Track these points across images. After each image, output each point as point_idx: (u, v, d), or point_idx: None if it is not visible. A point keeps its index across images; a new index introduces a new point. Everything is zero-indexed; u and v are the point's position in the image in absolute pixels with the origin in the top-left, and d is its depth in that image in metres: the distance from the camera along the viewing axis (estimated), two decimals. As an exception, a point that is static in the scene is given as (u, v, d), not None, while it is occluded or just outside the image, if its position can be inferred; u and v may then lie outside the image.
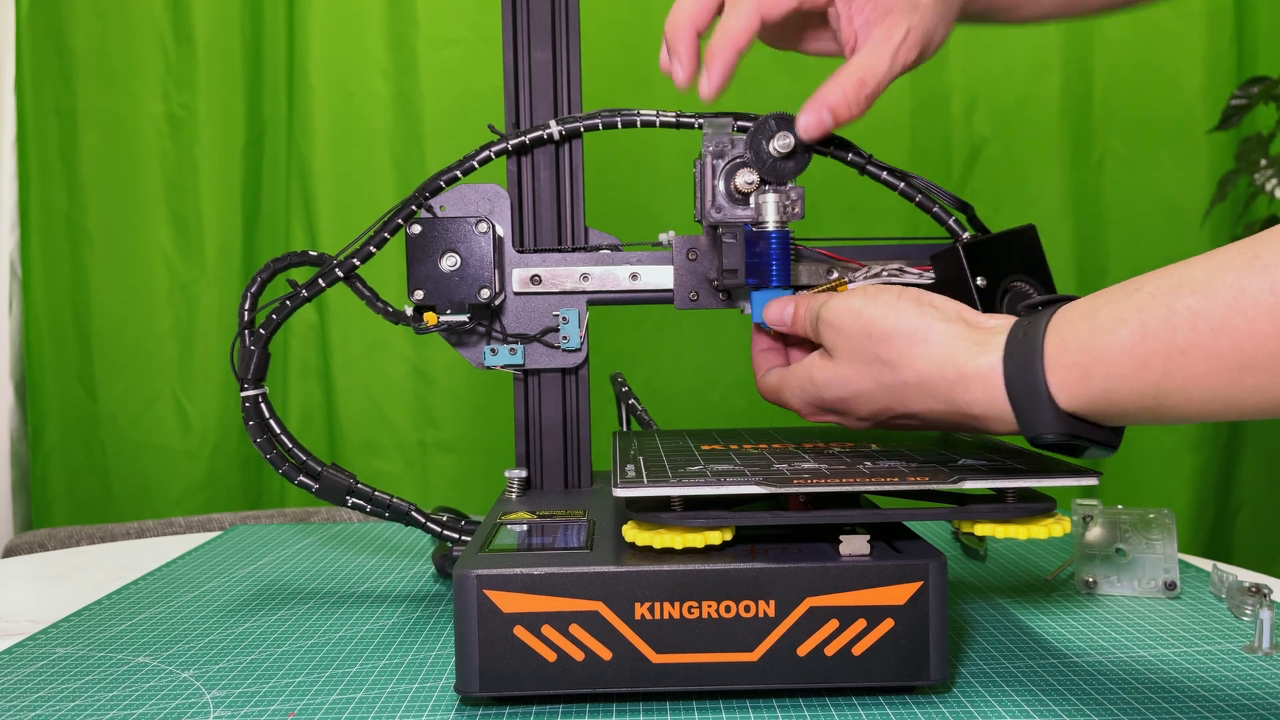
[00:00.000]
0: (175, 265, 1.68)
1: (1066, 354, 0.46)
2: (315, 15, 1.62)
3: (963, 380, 0.50)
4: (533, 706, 0.53)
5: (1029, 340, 0.47)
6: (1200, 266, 0.42)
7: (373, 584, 0.79)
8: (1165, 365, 0.43)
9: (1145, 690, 0.54)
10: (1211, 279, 0.41)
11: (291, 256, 0.71)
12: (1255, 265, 0.40)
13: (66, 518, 1.69)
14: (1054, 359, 0.46)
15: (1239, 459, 1.68)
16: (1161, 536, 0.72)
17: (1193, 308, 0.41)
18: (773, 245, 0.59)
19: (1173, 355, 0.42)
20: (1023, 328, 0.48)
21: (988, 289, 0.64)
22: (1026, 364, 0.47)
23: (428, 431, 1.68)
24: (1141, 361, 0.43)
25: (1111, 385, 0.45)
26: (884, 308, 0.53)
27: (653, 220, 1.51)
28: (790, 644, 0.51)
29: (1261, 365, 0.40)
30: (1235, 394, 0.41)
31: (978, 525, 0.54)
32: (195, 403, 1.68)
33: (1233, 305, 0.40)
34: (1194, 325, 0.41)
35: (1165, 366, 0.43)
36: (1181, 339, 0.42)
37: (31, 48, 1.65)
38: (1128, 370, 0.44)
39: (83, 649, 0.65)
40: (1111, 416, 0.47)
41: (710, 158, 0.61)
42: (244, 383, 0.70)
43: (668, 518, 0.53)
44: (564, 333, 0.72)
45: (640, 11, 1.63)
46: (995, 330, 0.50)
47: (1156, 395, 0.43)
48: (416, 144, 1.65)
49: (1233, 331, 0.40)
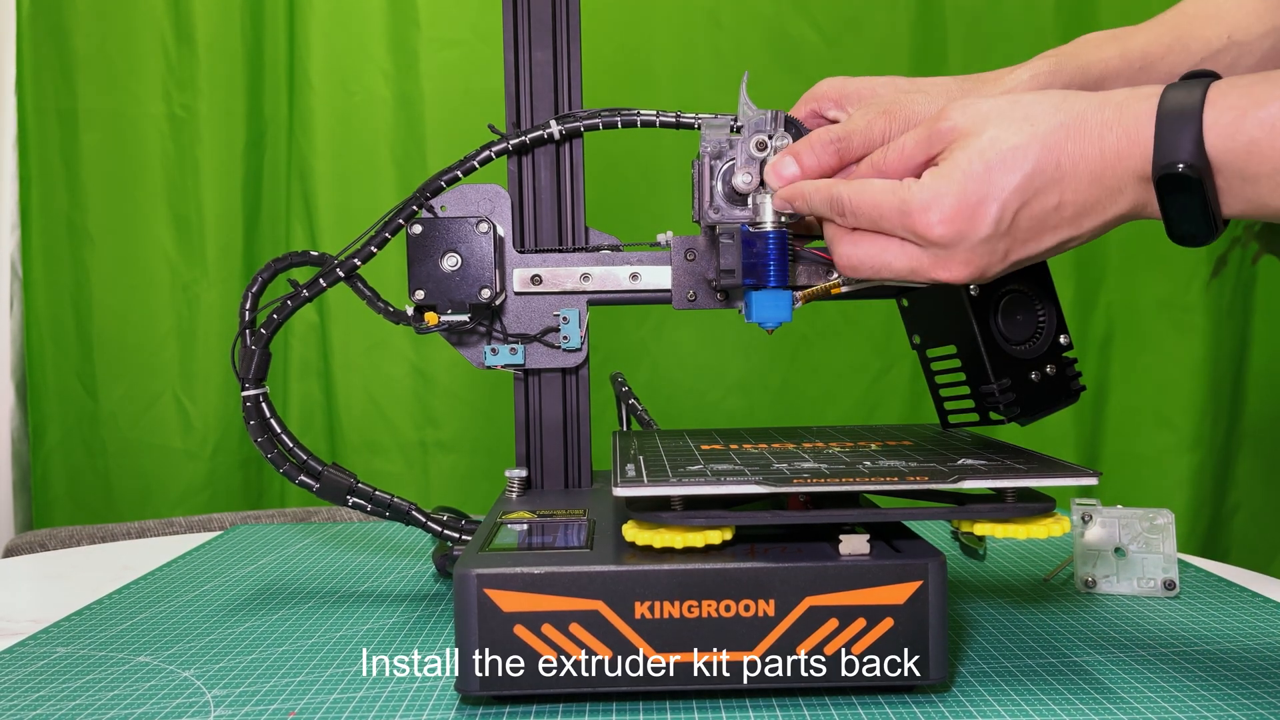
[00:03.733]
0: (176, 265, 1.68)
1: (1226, 96, 0.46)
2: (316, 16, 1.62)
3: (1119, 108, 0.49)
4: (533, 706, 0.53)
5: (1190, 84, 0.47)
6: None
7: (373, 584, 0.79)
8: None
9: (1144, 689, 0.54)
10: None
11: (292, 256, 0.71)
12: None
13: (67, 518, 1.69)
14: (1214, 98, 0.46)
15: (1236, 459, 1.68)
16: (1160, 536, 0.72)
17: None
18: (770, 246, 0.60)
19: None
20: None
21: (983, 295, 0.65)
22: (1188, 92, 0.47)
23: (428, 431, 1.68)
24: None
25: (1260, 137, 0.45)
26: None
27: (653, 220, 1.51)
28: (790, 643, 0.51)
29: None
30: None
31: (977, 525, 0.54)
32: (196, 403, 1.68)
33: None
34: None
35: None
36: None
37: (33, 48, 1.65)
38: (1276, 114, 0.44)
39: (83, 648, 0.65)
40: (1244, 176, 0.46)
41: (708, 158, 0.61)
42: (245, 382, 0.70)
43: (668, 517, 0.53)
44: (564, 333, 0.72)
45: (640, 12, 1.63)
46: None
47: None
48: (417, 144, 1.65)
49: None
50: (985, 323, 0.64)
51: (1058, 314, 0.66)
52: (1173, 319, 1.63)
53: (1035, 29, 1.60)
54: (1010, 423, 0.66)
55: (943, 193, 0.50)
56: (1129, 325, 1.65)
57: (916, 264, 0.53)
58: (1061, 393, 0.66)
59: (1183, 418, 1.64)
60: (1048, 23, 1.60)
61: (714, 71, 1.62)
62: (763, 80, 1.62)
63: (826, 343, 1.66)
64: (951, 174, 0.51)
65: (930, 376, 0.70)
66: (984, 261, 0.51)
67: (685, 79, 1.63)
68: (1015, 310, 0.65)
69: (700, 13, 1.63)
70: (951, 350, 0.67)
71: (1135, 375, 1.65)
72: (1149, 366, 1.64)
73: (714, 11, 1.63)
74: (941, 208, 0.50)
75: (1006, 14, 1.61)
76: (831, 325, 1.65)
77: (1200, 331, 1.62)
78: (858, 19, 1.63)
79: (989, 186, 0.50)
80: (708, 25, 1.63)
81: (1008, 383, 0.64)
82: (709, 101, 1.57)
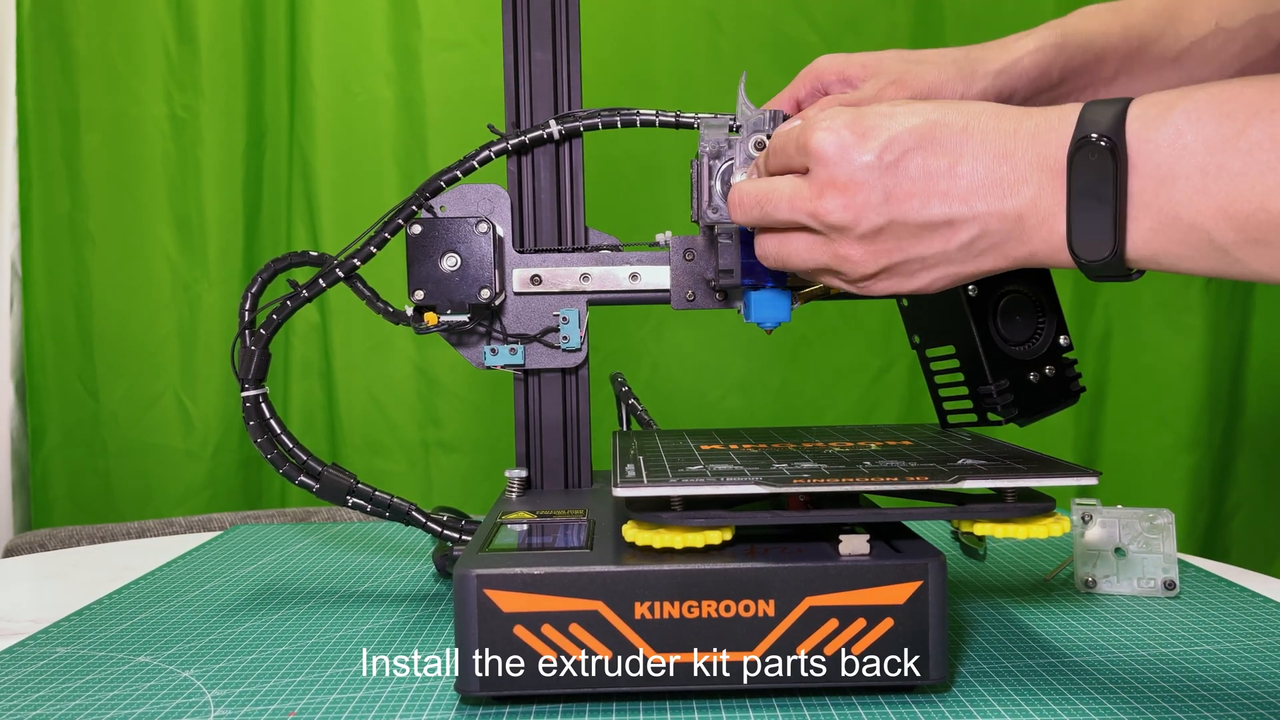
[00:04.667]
0: (177, 265, 1.68)
1: (1153, 98, 0.44)
2: (317, 17, 1.62)
3: (1045, 109, 0.47)
4: (533, 706, 0.53)
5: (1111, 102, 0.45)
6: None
7: (373, 584, 0.79)
8: (1242, 123, 0.41)
9: (1144, 689, 0.54)
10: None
11: (292, 257, 0.71)
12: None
13: (67, 518, 1.69)
14: (1141, 99, 0.44)
15: (1235, 459, 1.68)
16: (1160, 536, 0.72)
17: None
18: (772, 245, 0.59)
19: (1256, 114, 0.41)
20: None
21: (981, 296, 0.64)
22: (1116, 98, 0.45)
23: (430, 431, 1.68)
24: (1220, 109, 0.42)
25: (1184, 128, 0.43)
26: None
27: (653, 220, 1.50)
28: (790, 643, 0.51)
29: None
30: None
31: (977, 525, 0.54)
32: (197, 402, 1.68)
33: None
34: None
35: (1242, 125, 0.41)
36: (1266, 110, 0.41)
37: (34, 49, 1.65)
38: (1204, 110, 0.42)
39: (83, 649, 0.65)
40: (1161, 175, 0.43)
41: (707, 158, 0.61)
42: (244, 383, 0.70)
43: (668, 517, 0.53)
44: (564, 333, 0.72)
45: (640, 12, 1.63)
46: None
47: (1224, 141, 0.42)
48: (419, 145, 1.65)
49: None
50: (984, 323, 0.64)
51: (1058, 315, 0.66)
52: (1171, 319, 1.63)
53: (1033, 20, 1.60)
54: (1009, 423, 0.66)
55: (843, 113, 0.49)
56: (1127, 325, 1.64)
57: (794, 189, 0.50)
58: (1061, 393, 0.66)
59: (1182, 417, 1.64)
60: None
61: (713, 72, 1.62)
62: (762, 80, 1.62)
63: (826, 343, 1.66)
64: (860, 108, 0.50)
65: (929, 376, 0.70)
66: (862, 196, 0.48)
67: (685, 79, 1.63)
68: (1014, 311, 0.65)
69: (699, 13, 1.63)
70: (951, 350, 0.67)
71: (1134, 375, 1.65)
72: (1148, 367, 1.64)
73: (713, 12, 1.63)
74: (834, 122, 0.49)
75: (1006, 14, 1.61)
76: (831, 325, 1.65)
77: (1199, 331, 1.62)
78: (857, 19, 1.63)
79: (888, 120, 0.48)
80: (707, 26, 1.63)
81: (1006, 383, 0.64)
82: (708, 102, 1.56)
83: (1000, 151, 0.46)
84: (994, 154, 0.46)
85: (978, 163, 0.47)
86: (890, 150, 0.48)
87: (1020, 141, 0.46)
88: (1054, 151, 0.45)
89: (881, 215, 0.48)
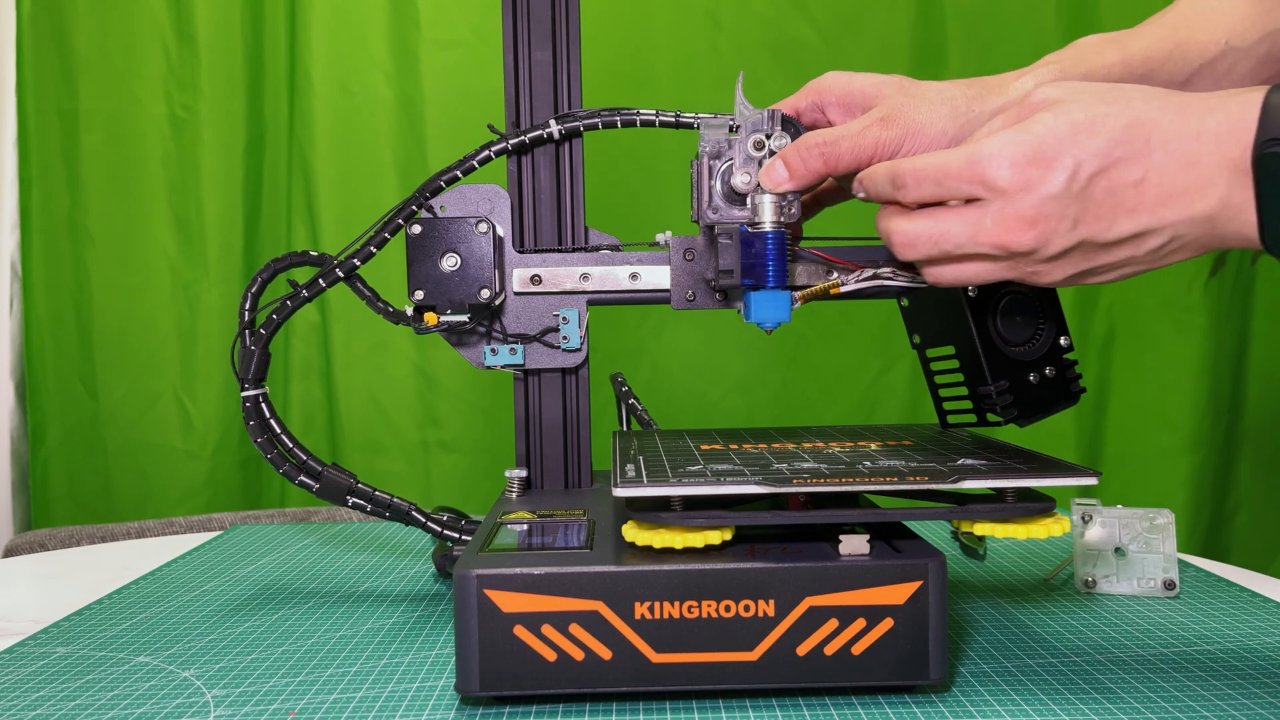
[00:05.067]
0: (177, 265, 1.68)
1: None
2: (317, 17, 1.62)
3: (1223, 98, 0.46)
4: (533, 706, 0.53)
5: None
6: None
7: (373, 584, 0.79)
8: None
9: (1144, 689, 0.54)
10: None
11: (292, 256, 0.71)
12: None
13: (67, 517, 1.69)
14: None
15: (1236, 459, 1.68)
16: (1160, 536, 0.72)
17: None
18: (769, 246, 0.59)
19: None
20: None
21: (981, 296, 0.64)
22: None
23: (430, 431, 1.68)
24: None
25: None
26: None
27: (653, 220, 1.50)
28: (790, 643, 0.51)
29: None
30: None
31: (977, 525, 0.54)
32: (197, 402, 1.68)
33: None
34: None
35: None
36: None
37: (33, 48, 1.65)
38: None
39: (83, 649, 0.65)
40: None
41: (707, 158, 0.61)
42: (244, 383, 0.70)
43: (668, 517, 0.53)
44: (564, 333, 0.72)
45: (640, 12, 1.63)
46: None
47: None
48: (419, 145, 1.65)
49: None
50: (984, 324, 0.64)
51: (1058, 315, 0.66)
52: (1173, 319, 1.63)
53: (1035, 29, 1.60)
54: (1009, 424, 0.66)
55: (1018, 141, 0.48)
56: (1130, 325, 1.65)
57: (976, 226, 0.49)
58: (1061, 394, 0.66)
59: (1183, 417, 1.64)
60: (1048, 23, 1.60)
61: (713, 72, 1.62)
62: (762, 80, 1.62)
63: (826, 343, 1.66)
64: (1031, 128, 0.48)
65: (930, 377, 0.70)
66: (1049, 225, 0.48)
67: (685, 79, 1.63)
68: (1014, 312, 0.65)
69: (700, 13, 1.63)
70: (951, 351, 0.67)
71: (1137, 375, 1.65)
72: (1150, 367, 1.64)
73: (713, 12, 1.63)
74: (1013, 154, 0.47)
75: (1006, 14, 1.61)
76: (831, 325, 1.65)
77: (1201, 331, 1.62)
78: (857, 19, 1.63)
79: (1069, 143, 0.47)
80: (707, 25, 1.63)
81: (1005, 384, 0.64)
82: (709, 101, 1.57)
83: (1186, 160, 0.46)
84: (1179, 163, 0.46)
85: (1164, 174, 0.46)
86: (1077, 179, 0.47)
87: (1205, 145, 0.46)
88: (1239, 154, 0.45)
89: (1070, 239, 0.48)
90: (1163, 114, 0.46)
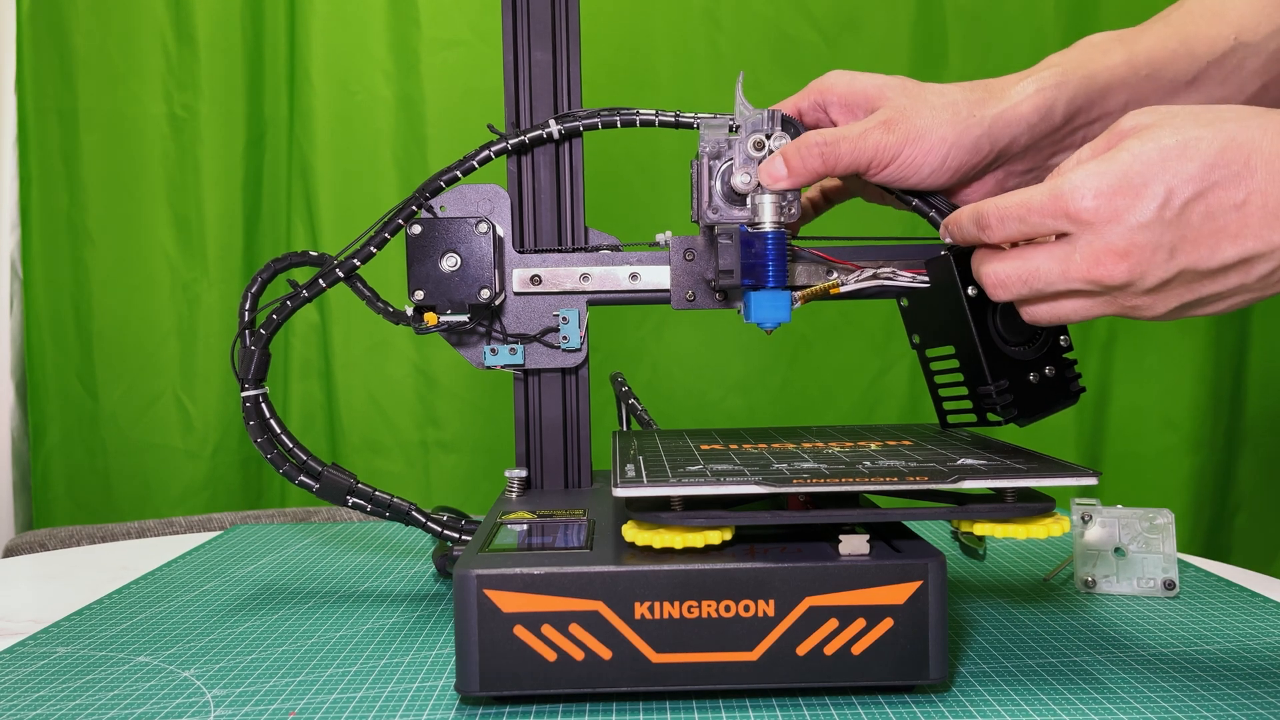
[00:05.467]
0: (176, 265, 1.68)
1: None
2: (317, 16, 1.62)
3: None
4: (533, 706, 0.53)
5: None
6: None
7: (373, 584, 0.79)
8: None
9: (1144, 689, 0.54)
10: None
11: (292, 256, 0.71)
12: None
13: (67, 517, 1.69)
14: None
15: (1237, 459, 1.68)
16: (1160, 536, 0.72)
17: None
18: (769, 246, 0.59)
19: None
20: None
21: (981, 296, 0.64)
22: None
23: (429, 431, 1.68)
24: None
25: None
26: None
27: (653, 220, 1.51)
28: (790, 643, 0.51)
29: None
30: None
31: (977, 525, 0.54)
32: (196, 402, 1.68)
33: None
34: None
35: None
36: None
37: (33, 47, 1.65)
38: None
39: (83, 648, 0.65)
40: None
41: (707, 158, 0.61)
42: (244, 383, 0.70)
43: (668, 517, 0.53)
44: (564, 333, 0.72)
45: (640, 12, 1.63)
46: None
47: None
48: (419, 144, 1.65)
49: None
50: (984, 324, 0.64)
51: None
52: (1175, 320, 1.63)
53: (1035, 29, 1.60)
54: (1009, 423, 0.65)
55: (1102, 171, 0.46)
56: (1131, 325, 1.65)
57: (1065, 261, 0.48)
58: (1061, 394, 0.65)
59: (1184, 418, 1.64)
60: (1048, 22, 1.60)
61: (713, 71, 1.62)
62: (762, 80, 1.62)
63: (826, 343, 1.66)
64: (1117, 156, 0.46)
65: (929, 376, 0.70)
66: (1144, 256, 0.45)
67: (685, 79, 1.63)
68: (1014, 311, 0.65)
69: (699, 13, 1.63)
70: (950, 350, 0.67)
71: (1138, 375, 1.65)
72: (1152, 367, 1.64)
73: (713, 11, 1.63)
74: (1097, 184, 0.45)
75: (1006, 13, 1.61)
76: (831, 325, 1.65)
77: (1202, 331, 1.62)
78: (857, 19, 1.63)
79: (1159, 170, 0.45)
80: (707, 25, 1.63)
81: (1005, 384, 0.64)
82: (708, 101, 1.57)
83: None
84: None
85: (1267, 195, 0.44)
86: (1169, 206, 0.45)
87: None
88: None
89: (1169, 269, 0.46)
90: (1262, 134, 0.45)
